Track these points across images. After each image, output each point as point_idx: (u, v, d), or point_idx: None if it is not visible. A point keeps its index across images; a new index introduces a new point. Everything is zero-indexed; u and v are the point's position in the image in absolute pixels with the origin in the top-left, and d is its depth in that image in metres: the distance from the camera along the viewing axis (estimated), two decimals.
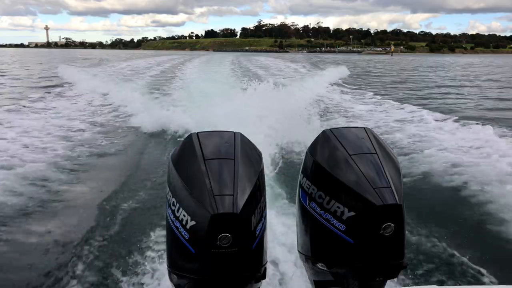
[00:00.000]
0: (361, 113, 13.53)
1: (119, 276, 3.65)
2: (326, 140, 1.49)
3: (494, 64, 65.00)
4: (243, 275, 1.30)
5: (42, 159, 7.11)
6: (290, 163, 6.75)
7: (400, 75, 37.36)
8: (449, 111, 13.68)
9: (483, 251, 4.34)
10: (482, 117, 12.81)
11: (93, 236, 4.41)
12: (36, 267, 3.90)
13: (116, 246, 4.19)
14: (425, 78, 32.94)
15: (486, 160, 7.09)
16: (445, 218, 5.13)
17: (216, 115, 8.88)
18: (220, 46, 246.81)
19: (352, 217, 1.33)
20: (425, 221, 4.86)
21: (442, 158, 7.40)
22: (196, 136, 1.40)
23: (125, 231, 4.55)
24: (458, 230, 4.83)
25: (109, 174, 6.90)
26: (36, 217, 4.97)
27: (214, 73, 31.51)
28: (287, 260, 3.49)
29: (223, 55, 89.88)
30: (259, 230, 1.32)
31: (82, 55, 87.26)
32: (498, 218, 4.92)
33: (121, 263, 3.85)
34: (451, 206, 5.47)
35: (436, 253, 4.17)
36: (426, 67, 52.71)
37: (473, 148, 8.06)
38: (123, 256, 3.97)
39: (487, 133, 9.06)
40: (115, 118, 11.91)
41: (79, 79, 21.50)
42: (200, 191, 1.24)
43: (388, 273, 1.43)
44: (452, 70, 46.21)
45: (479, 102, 17.56)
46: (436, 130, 10.20)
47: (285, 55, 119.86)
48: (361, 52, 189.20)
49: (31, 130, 9.58)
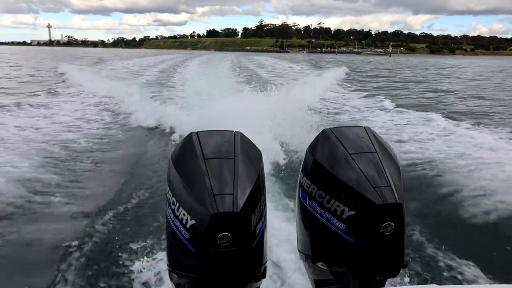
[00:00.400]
0: (361, 113, 13.54)
1: (119, 276, 3.65)
2: (326, 139, 1.49)
3: (482, 65, 65.74)
4: (243, 274, 1.30)
5: (37, 159, 7.06)
6: (290, 162, 6.75)
7: (381, 72, 40.52)
8: (449, 112, 13.70)
9: (484, 250, 4.34)
10: (482, 117, 12.82)
11: (92, 236, 4.40)
12: (35, 267, 3.89)
13: (116, 246, 4.18)
14: (404, 76, 34.30)
15: (486, 160, 7.09)
16: (445, 217, 5.14)
17: (215, 112, 8.88)
18: (222, 45, 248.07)
19: (352, 216, 1.34)
20: (425, 220, 4.87)
21: (442, 157, 7.40)
22: (196, 135, 1.40)
23: (125, 230, 4.55)
24: (459, 229, 4.84)
25: (108, 172, 6.89)
26: (33, 217, 4.96)
27: (215, 70, 31.60)
28: (287, 259, 3.49)
29: (224, 55, 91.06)
30: (259, 229, 1.32)
31: (84, 53, 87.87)
32: (499, 218, 4.91)
33: (121, 262, 3.85)
34: (451, 205, 5.47)
35: (436, 252, 4.17)
36: (408, 66, 54.20)
37: (474, 148, 8.06)
38: (123, 255, 3.97)
39: (487, 137, 9.03)
40: (114, 117, 11.90)
41: (78, 77, 21.52)
42: (200, 190, 1.24)
43: (388, 272, 1.43)
44: (447, 71, 46.94)
45: (477, 102, 17.58)
46: (437, 129, 10.21)
47: (285, 55, 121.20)
48: (361, 53, 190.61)
49: (26, 128, 9.55)
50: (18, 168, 6.37)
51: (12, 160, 6.78)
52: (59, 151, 7.75)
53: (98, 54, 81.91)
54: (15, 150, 7.55)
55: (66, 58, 55.25)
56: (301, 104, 11.24)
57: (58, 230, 4.64)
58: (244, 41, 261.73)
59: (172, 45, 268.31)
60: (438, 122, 11.19)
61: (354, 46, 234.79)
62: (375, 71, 42.12)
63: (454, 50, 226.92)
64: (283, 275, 3.39)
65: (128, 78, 24.59)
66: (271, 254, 3.48)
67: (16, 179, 5.90)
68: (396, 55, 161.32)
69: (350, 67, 43.39)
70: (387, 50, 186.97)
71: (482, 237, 4.65)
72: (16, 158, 6.90)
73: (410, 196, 5.22)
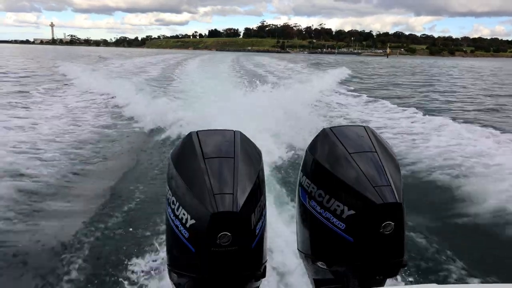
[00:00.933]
0: (361, 112, 13.54)
1: (118, 275, 3.65)
2: (326, 139, 1.49)
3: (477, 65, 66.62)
4: (243, 274, 1.30)
5: (33, 158, 7.03)
6: (290, 162, 6.75)
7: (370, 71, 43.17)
8: (450, 111, 13.71)
9: (484, 249, 4.34)
10: (483, 116, 12.82)
11: (92, 235, 4.39)
12: (35, 267, 3.89)
13: (115, 245, 4.18)
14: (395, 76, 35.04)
15: (488, 159, 7.09)
16: (445, 217, 5.14)
17: (214, 111, 8.90)
18: (223, 45, 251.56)
19: (352, 215, 1.33)
20: (425, 220, 4.87)
21: (443, 156, 7.40)
22: (196, 134, 1.40)
23: (124, 230, 4.54)
24: (459, 228, 4.84)
25: (107, 171, 6.88)
26: (33, 216, 4.95)
27: (214, 69, 31.74)
28: (287, 258, 3.49)
29: (225, 55, 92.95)
30: (259, 229, 1.32)
31: (87, 51, 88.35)
32: (499, 218, 4.91)
33: (120, 262, 3.84)
34: (451, 204, 5.47)
35: (436, 252, 4.17)
36: (395, 67, 55.13)
37: (474, 147, 8.06)
38: (122, 254, 3.96)
39: (488, 138, 9.03)
40: (113, 115, 11.89)
41: (78, 75, 21.64)
42: (200, 190, 1.24)
43: (388, 271, 1.43)
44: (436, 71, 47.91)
45: (480, 102, 17.58)
46: (438, 128, 10.21)
47: (285, 55, 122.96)
48: (360, 54, 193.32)
49: (24, 127, 9.51)
50: (12, 168, 6.34)
51: (7, 156, 6.74)
52: (58, 149, 7.73)
53: (100, 53, 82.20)
54: (11, 148, 7.48)
55: (72, 56, 55.34)
56: (300, 102, 11.25)
57: (57, 229, 4.64)
58: (246, 41, 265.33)
59: (174, 44, 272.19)
60: (438, 121, 11.19)
61: (355, 47, 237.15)
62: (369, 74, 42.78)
63: (454, 52, 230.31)
64: (283, 275, 3.39)
65: (128, 76, 24.58)
66: (271, 253, 3.48)
67: (10, 176, 5.89)
68: (395, 56, 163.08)
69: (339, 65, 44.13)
70: (386, 51, 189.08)
71: (483, 236, 4.65)
72: (10, 157, 6.85)
73: (410, 196, 5.19)
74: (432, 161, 7.18)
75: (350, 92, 19.45)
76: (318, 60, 74.74)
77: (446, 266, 3.93)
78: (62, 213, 5.11)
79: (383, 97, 17.48)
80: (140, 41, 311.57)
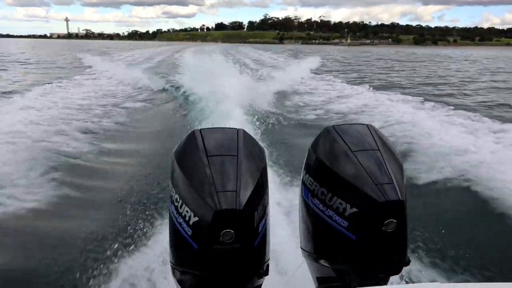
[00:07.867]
0: (363, 109, 13.49)
1: (121, 272, 3.66)
2: (329, 137, 1.50)
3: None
4: (246, 272, 1.30)
5: (31, 154, 6.98)
6: (292, 160, 6.74)
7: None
8: (451, 108, 13.60)
9: (488, 248, 4.33)
10: (483, 114, 12.72)
11: (94, 232, 4.41)
12: (34, 267, 3.89)
13: (118, 243, 4.19)
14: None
15: (492, 157, 7.05)
16: (448, 214, 5.12)
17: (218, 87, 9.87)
18: (228, 38, 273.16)
19: (354, 213, 1.34)
20: (428, 218, 4.85)
21: (446, 154, 7.36)
22: (199, 132, 1.41)
23: (127, 226, 4.56)
24: (462, 226, 4.82)
25: (109, 168, 6.88)
26: (32, 214, 4.95)
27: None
28: (289, 256, 3.48)
29: (226, 46, 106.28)
30: (262, 227, 1.32)
31: (100, 45, 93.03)
32: (503, 215, 4.89)
33: (123, 259, 3.85)
34: (454, 202, 5.45)
35: (440, 250, 4.15)
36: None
37: (477, 146, 8.00)
38: (125, 252, 3.97)
39: (491, 134, 8.97)
40: (116, 109, 11.93)
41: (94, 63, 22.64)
42: (203, 187, 1.24)
43: (391, 269, 1.43)
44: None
45: (480, 97, 17.48)
46: (438, 127, 10.14)
47: (276, 46, 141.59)
48: (337, 44, 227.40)
49: (23, 121, 9.47)
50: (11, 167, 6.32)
51: (7, 156, 6.74)
52: (58, 147, 7.69)
53: (129, 45, 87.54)
54: (9, 146, 7.43)
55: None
56: (298, 100, 11.39)
57: (57, 226, 4.65)
58: (249, 33, 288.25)
59: (183, 37, 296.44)
60: (441, 118, 11.12)
61: (347, 38, 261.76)
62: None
63: (437, 42, 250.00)
64: (285, 273, 3.39)
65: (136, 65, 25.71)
66: (274, 251, 3.48)
67: (7, 172, 5.89)
68: (357, 46, 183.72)
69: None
70: (375, 41, 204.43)
71: (486, 235, 4.64)
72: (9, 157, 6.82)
73: (413, 193, 5.20)
74: (436, 159, 7.14)
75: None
76: (297, 50, 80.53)
77: (450, 265, 3.92)
78: (61, 209, 5.11)
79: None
80: (152, 34, 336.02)
